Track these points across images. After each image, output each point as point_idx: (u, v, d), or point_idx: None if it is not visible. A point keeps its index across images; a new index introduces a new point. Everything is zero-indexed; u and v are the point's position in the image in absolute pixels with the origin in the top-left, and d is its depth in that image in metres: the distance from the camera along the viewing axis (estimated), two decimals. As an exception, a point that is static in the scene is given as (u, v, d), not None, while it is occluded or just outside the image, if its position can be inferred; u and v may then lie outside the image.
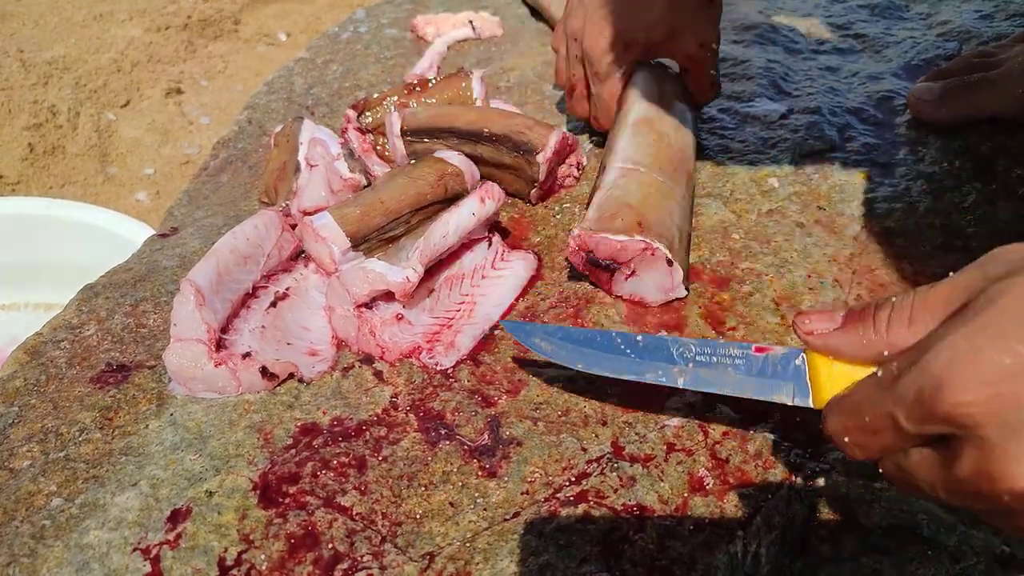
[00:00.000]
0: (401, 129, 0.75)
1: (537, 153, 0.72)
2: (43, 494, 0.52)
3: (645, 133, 0.71)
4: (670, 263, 0.61)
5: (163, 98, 1.54)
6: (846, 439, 0.41)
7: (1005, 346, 0.33)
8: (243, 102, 1.09)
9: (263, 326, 0.65)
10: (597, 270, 0.64)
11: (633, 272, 0.63)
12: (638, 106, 0.75)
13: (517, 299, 0.67)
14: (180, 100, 1.55)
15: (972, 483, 0.35)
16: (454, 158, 0.72)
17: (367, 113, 0.83)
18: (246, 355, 0.59)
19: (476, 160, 0.73)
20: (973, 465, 0.35)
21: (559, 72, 0.85)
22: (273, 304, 0.67)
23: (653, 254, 0.61)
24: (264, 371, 0.59)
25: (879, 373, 0.39)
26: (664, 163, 0.69)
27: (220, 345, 0.60)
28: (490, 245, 0.71)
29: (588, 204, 0.66)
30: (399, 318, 0.64)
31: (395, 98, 0.83)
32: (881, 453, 0.40)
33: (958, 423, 0.34)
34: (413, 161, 0.75)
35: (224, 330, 0.62)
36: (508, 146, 0.73)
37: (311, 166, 0.79)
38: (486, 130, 0.73)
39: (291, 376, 0.60)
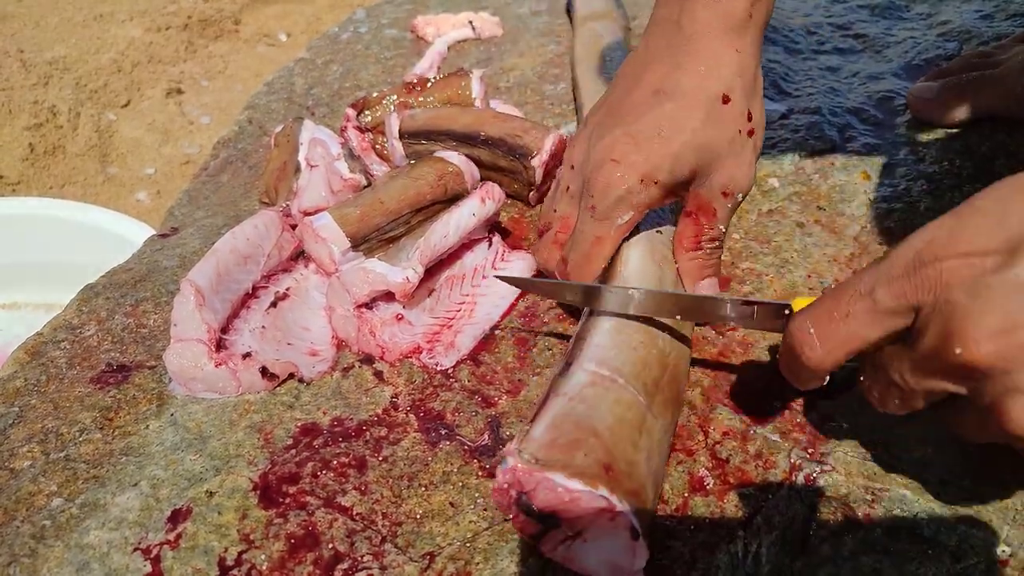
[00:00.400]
0: (399, 131, 0.75)
1: (532, 157, 0.72)
2: (43, 494, 0.52)
3: (634, 331, 0.52)
4: (635, 536, 0.41)
5: (163, 98, 1.54)
6: (807, 336, 0.43)
7: (984, 222, 0.37)
8: (243, 102, 1.09)
9: (263, 326, 0.65)
10: (526, 519, 0.43)
11: (578, 534, 0.43)
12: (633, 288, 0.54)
13: (517, 299, 0.67)
14: (180, 100, 1.55)
15: (935, 352, 0.37)
16: (454, 158, 0.72)
17: (366, 112, 0.83)
18: (246, 355, 0.59)
19: (474, 162, 0.73)
20: (935, 334, 0.37)
21: (543, 212, 0.65)
22: (273, 304, 0.67)
23: (614, 519, 0.42)
24: (264, 371, 0.59)
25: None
26: (651, 379, 0.50)
27: (220, 345, 0.60)
28: (490, 245, 0.71)
29: (535, 414, 0.46)
30: (399, 318, 0.64)
31: (394, 97, 0.83)
32: (839, 349, 0.42)
33: (931, 288, 0.37)
34: (413, 161, 0.75)
35: (224, 330, 0.62)
36: (504, 149, 0.73)
37: (311, 166, 0.79)
38: (482, 133, 0.73)
39: (291, 376, 0.60)
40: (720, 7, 0.54)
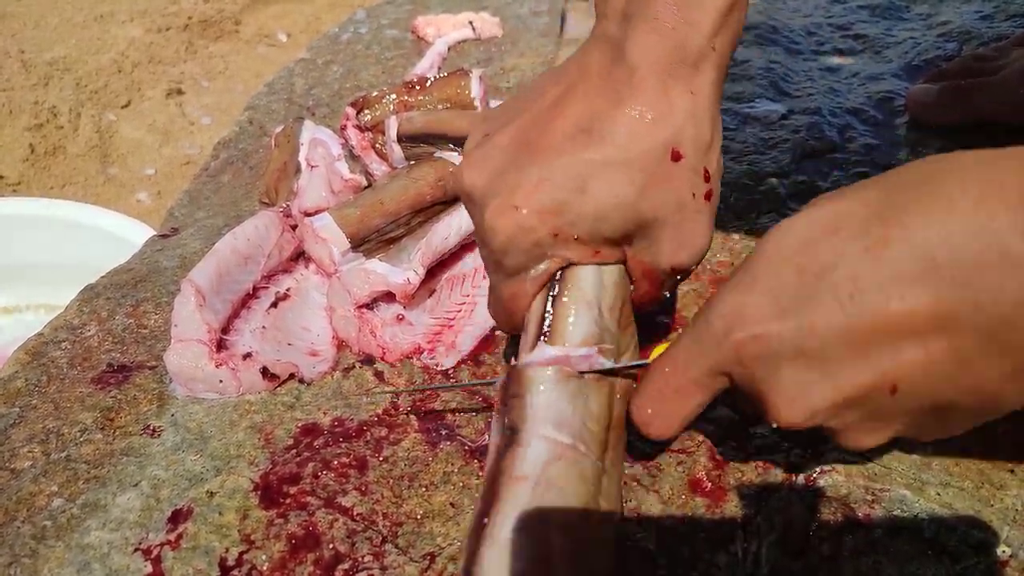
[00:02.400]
0: (397, 135, 0.75)
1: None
2: (44, 494, 0.52)
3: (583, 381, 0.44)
4: None
5: (164, 99, 1.54)
6: (649, 411, 0.44)
7: (759, 292, 0.39)
8: (244, 103, 1.09)
9: (264, 327, 0.65)
10: None
11: None
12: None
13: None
14: (181, 101, 1.55)
15: (759, 412, 0.41)
16: (455, 159, 0.72)
17: (366, 111, 0.83)
18: (247, 355, 0.59)
19: None
20: (752, 399, 0.41)
21: None
22: (274, 304, 0.67)
23: None
24: (265, 372, 0.59)
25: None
26: (603, 433, 0.43)
27: (221, 346, 0.60)
28: (491, 245, 0.71)
29: (484, 520, 0.39)
30: (400, 319, 0.64)
31: (394, 96, 0.83)
32: (680, 414, 0.44)
33: (740, 362, 0.40)
34: (413, 162, 0.75)
35: (225, 331, 0.62)
36: None
37: (312, 167, 0.79)
38: None
39: (292, 377, 0.60)
40: (673, 37, 0.43)
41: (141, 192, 1.36)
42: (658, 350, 0.47)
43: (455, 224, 0.66)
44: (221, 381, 0.58)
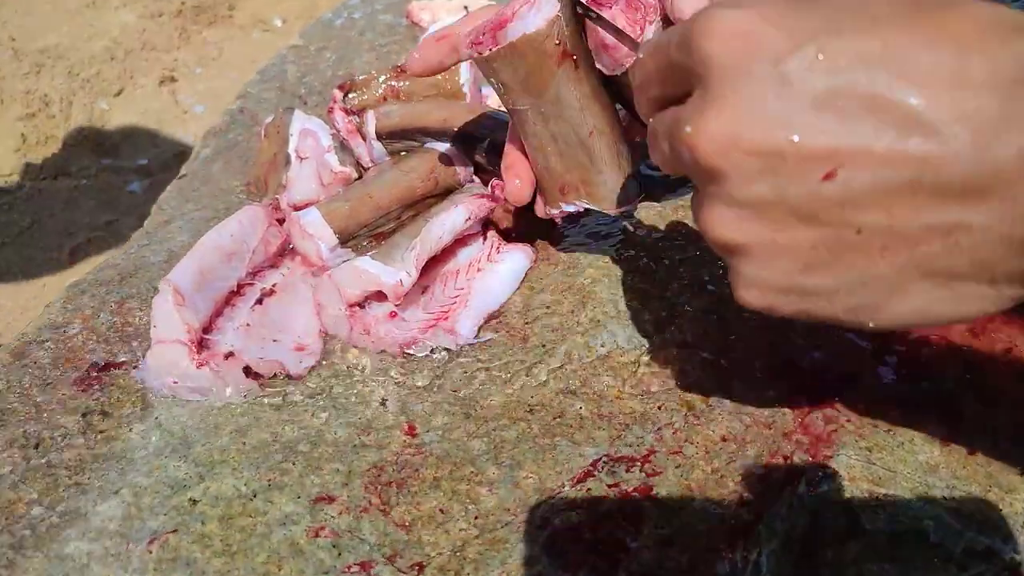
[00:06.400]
0: (376, 131, 0.73)
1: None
2: (23, 502, 0.51)
3: None
4: None
5: (157, 87, 1.52)
6: (640, 55, 0.40)
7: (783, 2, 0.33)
8: (238, 90, 1.07)
9: (248, 323, 0.63)
10: None
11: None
12: None
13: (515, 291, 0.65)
14: (174, 88, 1.53)
15: (680, 123, 0.34)
16: (445, 149, 0.70)
17: (353, 94, 0.80)
18: (229, 355, 0.58)
19: None
20: (692, 104, 0.34)
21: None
22: (259, 301, 0.65)
23: None
24: (248, 370, 0.57)
25: None
26: None
27: (203, 345, 0.58)
28: (484, 239, 0.69)
29: None
30: (392, 315, 0.62)
31: (382, 78, 0.80)
32: (647, 83, 0.39)
33: (698, 50, 0.33)
34: (404, 153, 0.73)
35: (208, 329, 0.61)
36: (477, 147, 0.70)
37: (301, 159, 0.77)
38: (456, 129, 0.71)
39: (277, 375, 0.59)
40: None
41: (134, 182, 1.34)
42: None
43: (449, 222, 0.64)
44: (203, 382, 0.56)
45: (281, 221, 0.70)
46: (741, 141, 0.32)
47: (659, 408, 0.54)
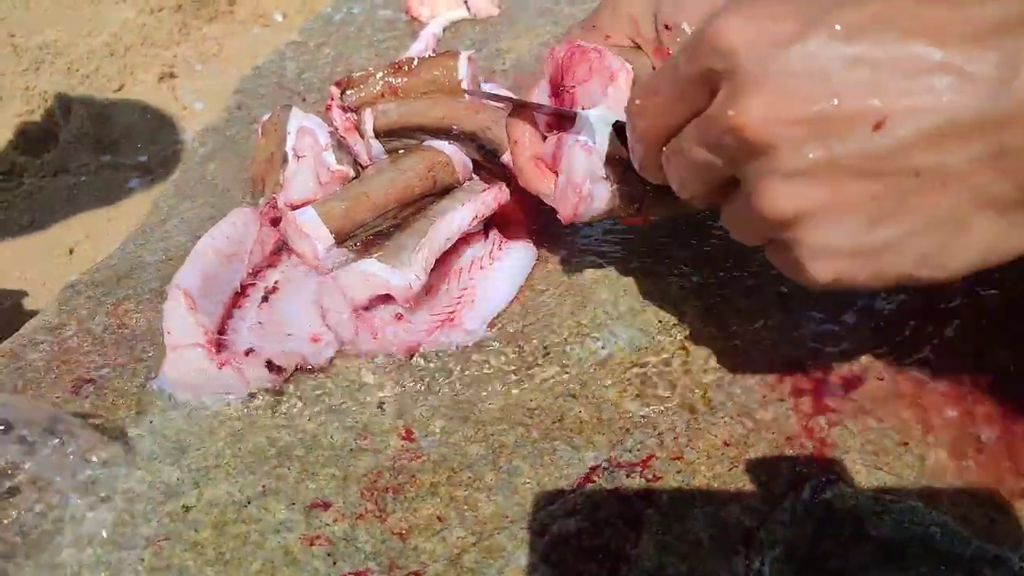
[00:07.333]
0: (373, 129, 0.71)
1: (501, 155, 0.68)
2: (16, 508, 0.50)
3: None
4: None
5: (156, 83, 1.51)
6: (637, 102, 0.41)
7: None
8: (237, 87, 1.06)
9: (260, 322, 0.62)
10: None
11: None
12: None
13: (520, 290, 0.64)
14: (173, 85, 1.51)
15: (716, 116, 0.36)
16: (445, 147, 0.69)
17: (350, 91, 0.79)
18: (249, 351, 0.57)
19: None
20: (723, 96, 0.35)
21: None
22: (264, 299, 0.64)
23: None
24: (270, 364, 0.56)
25: None
26: None
27: (220, 346, 0.58)
28: (487, 238, 0.68)
29: None
30: (399, 317, 0.62)
31: (380, 75, 0.79)
32: (658, 117, 0.40)
33: (721, 50, 0.35)
34: (402, 151, 0.72)
35: (220, 331, 0.60)
36: (475, 145, 0.69)
37: (298, 157, 0.76)
38: (454, 127, 0.70)
39: (299, 367, 0.58)
40: None
41: (133, 179, 1.33)
42: None
43: (456, 223, 0.63)
44: (226, 382, 0.55)
45: (277, 220, 0.69)
46: (784, 113, 0.33)
47: (660, 412, 0.53)
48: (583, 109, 0.50)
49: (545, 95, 0.54)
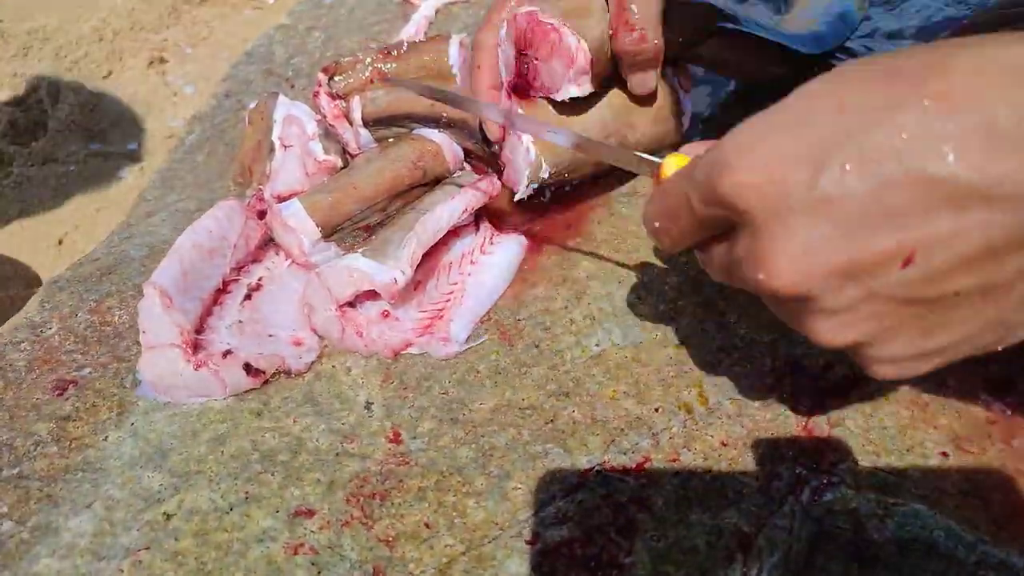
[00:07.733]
0: (362, 117, 0.69)
1: (495, 143, 0.66)
2: (-7, 517, 0.49)
3: None
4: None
5: (146, 68, 1.48)
6: (656, 224, 0.41)
7: (787, 132, 0.33)
8: (227, 72, 1.03)
9: (240, 321, 0.60)
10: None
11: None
12: None
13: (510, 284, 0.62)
14: (163, 69, 1.48)
15: (743, 267, 0.36)
16: (434, 136, 0.67)
17: (339, 77, 0.77)
18: (227, 353, 0.55)
19: None
20: (745, 248, 0.36)
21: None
22: (247, 297, 0.62)
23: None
24: (248, 368, 0.55)
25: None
26: None
27: (197, 347, 0.56)
28: (478, 230, 0.66)
29: None
30: (385, 315, 0.60)
31: (369, 60, 0.77)
32: (682, 240, 0.41)
33: (733, 206, 0.35)
34: (391, 140, 0.70)
35: (199, 330, 0.58)
36: (466, 132, 0.67)
37: (285, 147, 0.74)
38: (444, 115, 0.68)
39: (279, 371, 0.56)
40: None
41: (124, 168, 1.31)
42: (675, 159, 0.44)
43: (445, 216, 0.61)
44: (203, 384, 0.54)
45: (264, 213, 0.67)
46: (813, 268, 0.33)
47: (656, 411, 0.51)
48: (547, 91, 0.60)
49: (509, 49, 0.59)
